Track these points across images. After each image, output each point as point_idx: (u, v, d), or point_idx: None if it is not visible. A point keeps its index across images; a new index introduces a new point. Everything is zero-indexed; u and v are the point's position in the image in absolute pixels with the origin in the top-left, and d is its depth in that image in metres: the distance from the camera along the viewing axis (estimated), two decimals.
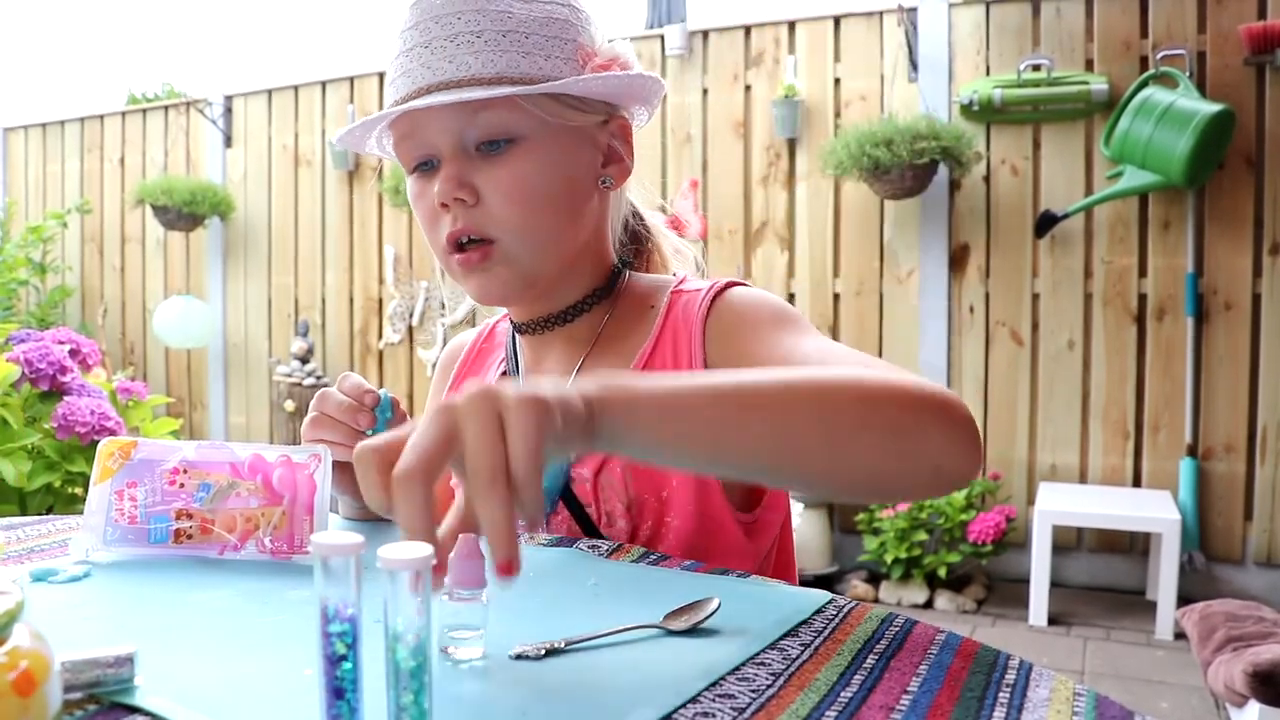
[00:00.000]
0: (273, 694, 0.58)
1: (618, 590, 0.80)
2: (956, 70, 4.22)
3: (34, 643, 0.46)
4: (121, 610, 0.76)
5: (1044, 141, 4.08)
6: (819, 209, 4.46)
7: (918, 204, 4.21)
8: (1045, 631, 3.56)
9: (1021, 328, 4.13)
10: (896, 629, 0.72)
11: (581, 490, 1.05)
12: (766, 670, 0.63)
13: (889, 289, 4.34)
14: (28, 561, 0.89)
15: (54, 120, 6.69)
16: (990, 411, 4.20)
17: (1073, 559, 4.05)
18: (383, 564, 0.47)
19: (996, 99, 3.98)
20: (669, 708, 0.56)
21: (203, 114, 5.94)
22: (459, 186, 0.98)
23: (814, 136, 4.43)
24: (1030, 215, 4.08)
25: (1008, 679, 0.63)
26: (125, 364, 6.38)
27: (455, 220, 1.00)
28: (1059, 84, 3.92)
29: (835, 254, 4.44)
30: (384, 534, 0.99)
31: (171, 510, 0.88)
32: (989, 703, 0.59)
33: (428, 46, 0.97)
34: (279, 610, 0.75)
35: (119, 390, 2.79)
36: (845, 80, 4.42)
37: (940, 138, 3.86)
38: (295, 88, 5.74)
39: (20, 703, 0.43)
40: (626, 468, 1.03)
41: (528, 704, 0.57)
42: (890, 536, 3.90)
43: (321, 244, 5.67)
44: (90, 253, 6.54)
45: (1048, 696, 0.60)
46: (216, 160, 5.97)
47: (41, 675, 0.45)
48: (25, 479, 2.39)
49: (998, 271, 4.16)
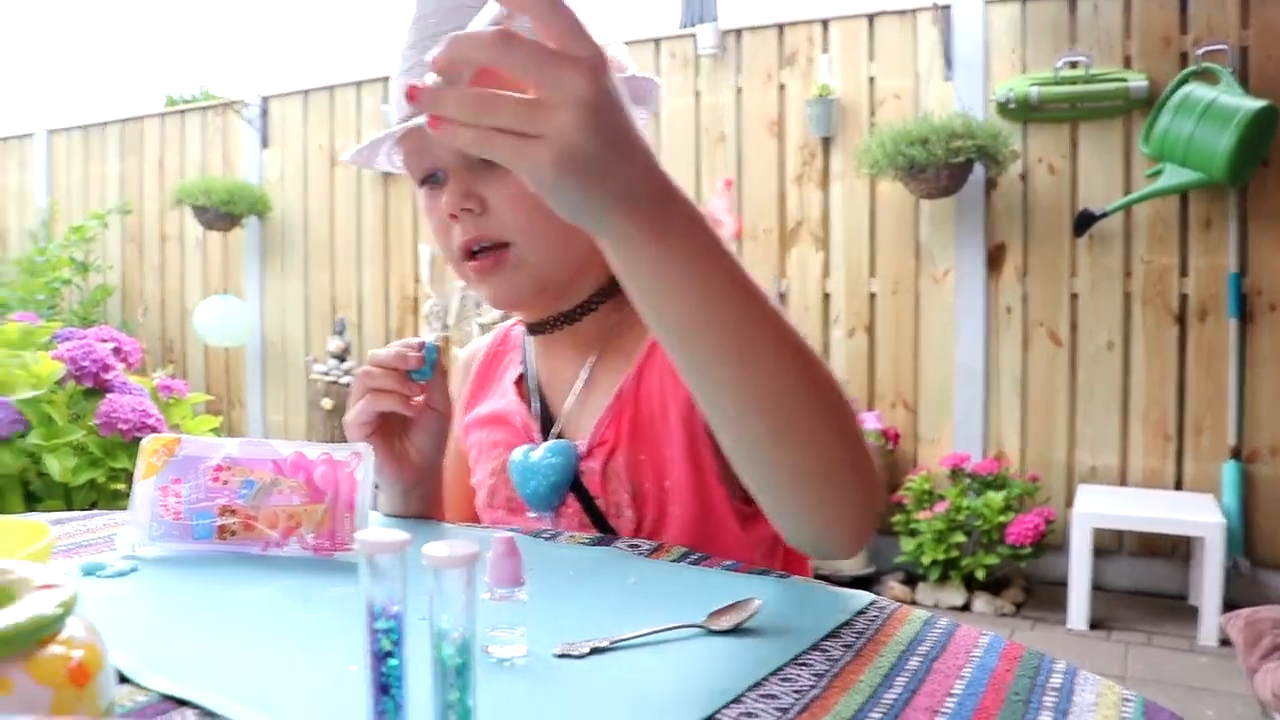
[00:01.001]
0: (317, 689, 0.59)
1: (658, 590, 0.80)
2: (992, 68, 4.18)
3: (87, 635, 0.46)
4: (167, 605, 0.77)
5: (1081, 140, 4.03)
6: (854, 208, 4.44)
7: (953, 203, 4.17)
8: (1085, 636, 3.53)
9: (1060, 328, 4.09)
10: (939, 631, 0.71)
11: (591, 482, 1.07)
12: (809, 671, 0.63)
13: (925, 289, 4.31)
14: (76, 556, 0.90)
15: (95, 122, 6.78)
16: (1028, 412, 4.16)
17: (1113, 562, 4.00)
18: (429, 562, 0.47)
19: (1033, 97, 3.94)
20: (712, 708, 0.56)
21: (240, 115, 6.00)
22: (466, 197, 1.01)
23: (849, 135, 4.41)
24: (1068, 214, 4.03)
25: (1053, 683, 0.62)
26: (165, 362, 6.45)
27: (466, 229, 1.03)
28: (1097, 81, 3.88)
29: (871, 254, 4.41)
30: (427, 532, 1.00)
31: (215, 506, 0.89)
32: (1034, 706, 0.59)
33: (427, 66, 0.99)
34: (321, 607, 0.75)
35: (160, 388, 2.82)
36: (880, 79, 4.39)
37: (976, 136, 3.82)
38: (330, 89, 5.79)
39: (76, 693, 0.43)
40: (631, 459, 1.05)
41: (571, 702, 0.57)
42: (928, 538, 3.87)
43: (358, 243, 5.71)
44: (131, 252, 6.62)
45: (1094, 701, 0.60)
46: (253, 161, 6.03)
47: (95, 666, 0.45)
48: (70, 475, 2.43)
49: (1035, 271, 4.12)
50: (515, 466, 1.11)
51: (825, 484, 0.74)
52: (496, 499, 1.16)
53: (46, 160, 6.99)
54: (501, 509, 1.16)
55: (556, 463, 1.07)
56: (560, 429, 1.12)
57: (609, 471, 1.06)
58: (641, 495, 1.05)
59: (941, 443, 4.27)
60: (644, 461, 1.05)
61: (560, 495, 1.08)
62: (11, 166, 7.21)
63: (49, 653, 0.43)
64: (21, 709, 0.41)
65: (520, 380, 1.20)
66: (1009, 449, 4.18)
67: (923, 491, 4.01)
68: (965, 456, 4.04)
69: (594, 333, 1.12)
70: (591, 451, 1.08)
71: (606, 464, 1.06)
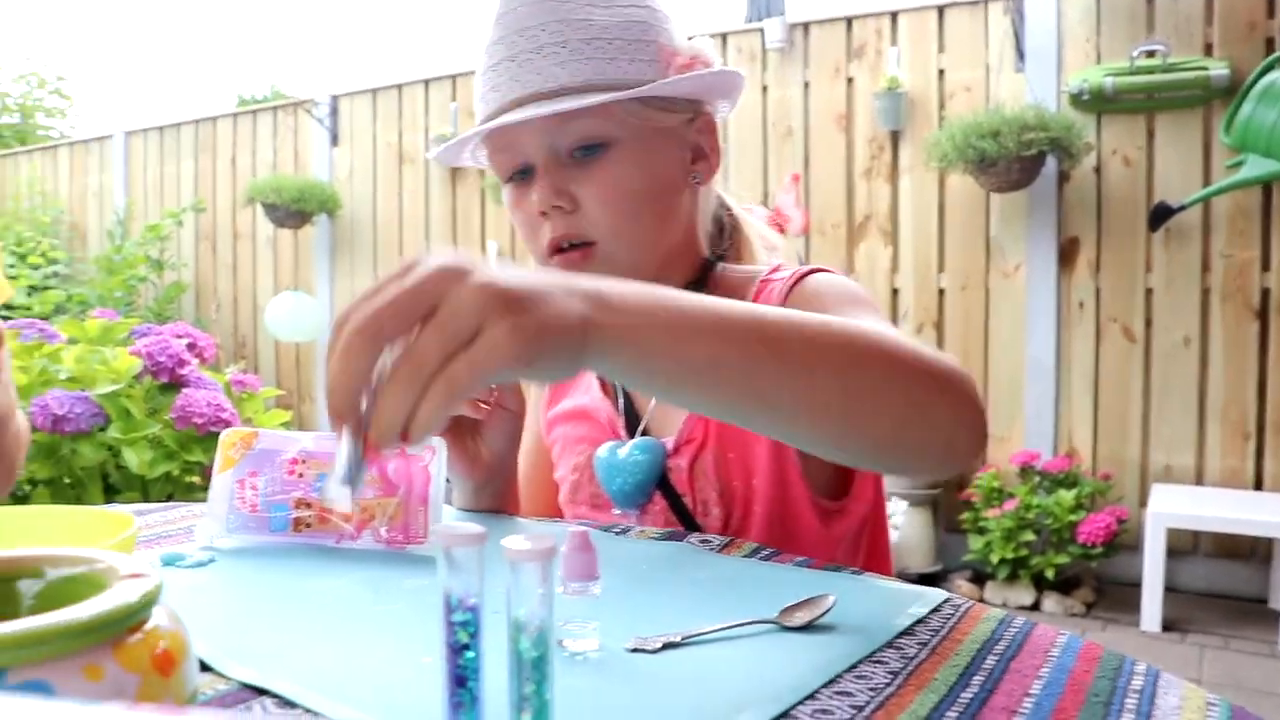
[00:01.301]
0: (393, 680, 0.59)
1: (731, 585, 0.80)
2: (1065, 59, 4.10)
3: (172, 624, 0.47)
4: (245, 595, 0.78)
5: (1158, 130, 3.94)
6: (923, 203, 4.39)
7: (1025, 197, 4.11)
8: (1159, 638, 3.45)
9: (1134, 324, 4.01)
10: (1015, 630, 0.70)
11: (678, 480, 1.07)
12: (884, 669, 0.62)
13: (995, 284, 4.25)
14: (156, 546, 0.92)
15: (170, 123, 6.93)
16: (1100, 410, 4.08)
17: (1188, 563, 3.91)
18: (508, 555, 0.48)
19: (1108, 87, 3.85)
20: (787, 704, 0.56)
21: (310, 114, 6.09)
22: (556, 194, 1.00)
23: (917, 129, 4.35)
24: (1143, 207, 3.94)
25: (1134, 685, 0.61)
26: (237, 357, 6.58)
27: (555, 227, 1.02)
28: (1175, 70, 3.78)
29: (940, 248, 4.36)
30: (503, 525, 1.00)
31: (291, 499, 0.90)
32: (1115, 708, 0.57)
33: (514, 60, 1.00)
34: (395, 599, 0.76)
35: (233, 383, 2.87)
36: (949, 71, 4.33)
37: (1049, 128, 3.75)
38: (399, 87, 5.85)
39: (162, 682, 0.44)
40: (719, 457, 1.05)
41: (645, 697, 0.57)
42: (996, 536, 3.82)
43: (426, 239, 5.76)
44: (204, 250, 6.76)
45: (1178, 705, 0.58)
46: (323, 159, 6.12)
47: (180, 655, 0.46)
48: (147, 467, 2.48)
49: (1109, 266, 4.04)
50: (601, 463, 1.10)
51: (917, 433, 0.72)
52: (580, 495, 1.16)
53: (124, 161, 7.16)
54: (585, 505, 1.15)
55: (643, 460, 1.07)
56: (646, 425, 1.12)
57: (696, 469, 1.06)
58: (729, 493, 1.05)
59: (1011, 440, 4.20)
60: (732, 460, 1.05)
61: (647, 493, 1.08)
62: (92, 167, 7.40)
63: (136, 640, 0.44)
64: (111, 695, 0.42)
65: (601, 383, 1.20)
66: (1080, 447, 4.10)
67: (991, 489, 3.96)
68: (1035, 454, 3.98)
69: None
70: (679, 449, 1.07)
71: (694, 461, 1.06)
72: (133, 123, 7.15)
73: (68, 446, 2.50)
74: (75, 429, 2.44)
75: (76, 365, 2.61)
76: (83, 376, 2.59)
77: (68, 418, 2.44)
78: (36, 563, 0.52)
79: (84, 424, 2.46)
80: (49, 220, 7.39)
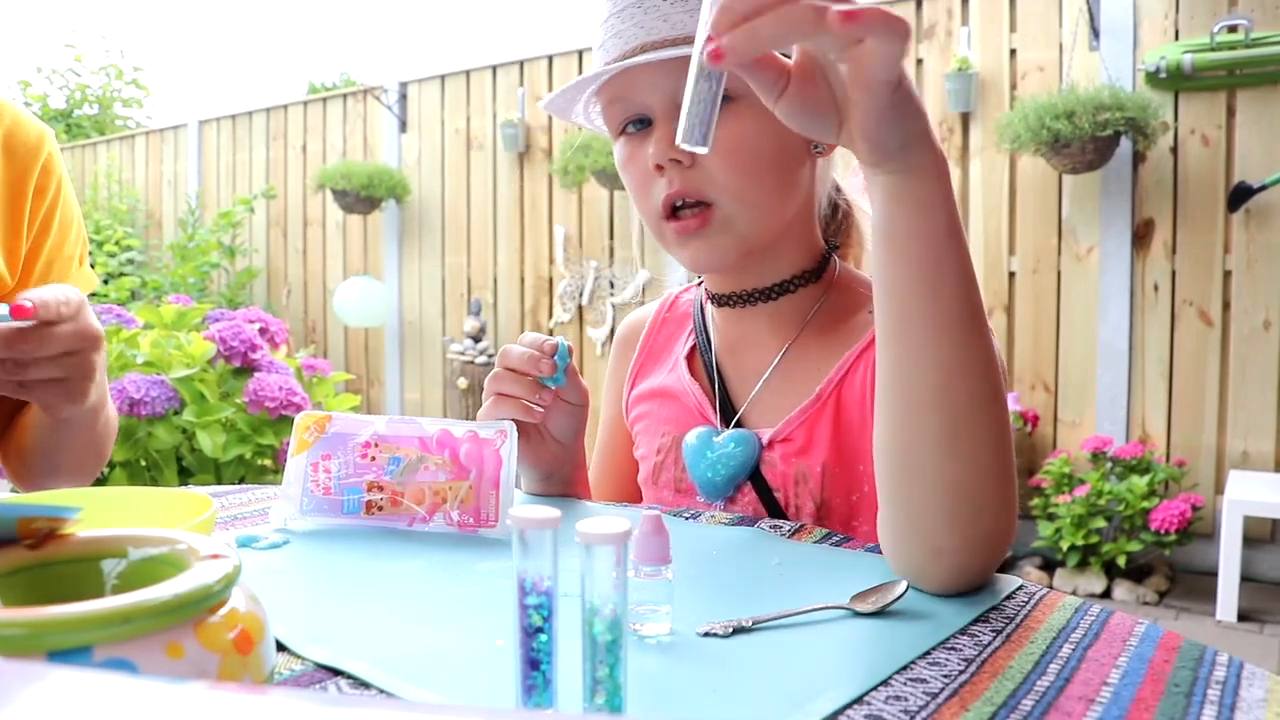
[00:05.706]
0: (466, 662, 0.60)
1: (802, 571, 0.79)
2: (1142, 36, 4.01)
3: (250, 604, 0.48)
4: (319, 577, 0.79)
5: (1239, 109, 3.83)
6: (993, 184, 4.31)
7: (1098, 178, 4.02)
8: (1235, 628, 3.38)
9: (1211, 307, 3.91)
10: (1092, 618, 0.69)
11: (771, 474, 1.03)
12: (958, 656, 0.61)
13: (1067, 267, 4.17)
14: (232, 528, 0.93)
15: (242, 111, 7.05)
16: (1175, 395, 3.99)
17: (1266, 552, 3.82)
18: (581, 539, 0.48)
19: (1186, 65, 3.76)
20: (860, 689, 0.55)
21: (379, 101, 6.15)
22: (675, 147, 0.91)
23: (988, 110, 4.28)
24: (1222, 188, 3.84)
25: (1216, 675, 0.59)
26: (307, 342, 6.68)
27: (671, 183, 0.98)
28: (1258, 45, 3.67)
29: (1010, 231, 4.29)
30: (575, 509, 1.00)
31: (363, 482, 0.91)
32: (1197, 700, 0.56)
33: (640, 6, 0.96)
34: (468, 582, 0.76)
35: (304, 367, 2.92)
36: (1021, 51, 4.25)
37: (1124, 108, 3.67)
38: (467, 73, 5.89)
39: (241, 660, 0.45)
40: (827, 469, 1.01)
41: (716, 680, 0.57)
42: (1066, 523, 3.76)
43: (493, 225, 5.80)
44: (275, 236, 6.87)
45: (1263, 697, 0.57)
46: (392, 145, 6.18)
47: (258, 634, 0.47)
48: (221, 450, 2.53)
49: (1185, 248, 3.94)
50: (690, 450, 1.07)
51: (970, 507, 0.72)
52: (663, 478, 1.12)
53: (197, 149, 7.29)
54: (668, 489, 1.11)
55: (737, 453, 1.03)
56: (741, 416, 1.08)
57: (797, 473, 1.02)
58: (828, 508, 1.01)
59: (1083, 425, 4.13)
60: (837, 474, 1.01)
61: (736, 486, 1.04)
62: (167, 156, 7.55)
63: (217, 620, 0.45)
64: (192, 673, 0.43)
65: (692, 355, 1.16)
66: (1154, 433, 4.02)
67: (1062, 475, 3.90)
68: (1108, 440, 3.91)
69: (791, 317, 1.07)
70: (773, 444, 1.03)
71: (794, 463, 1.02)
72: (206, 111, 7.29)
73: (144, 429, 2.56)
74: (151, 412, 2.50)
75: (152, 350, 2.67)
76: (158, 361, 2.64)
77: (144, 401, 2.49)
78: (120, 543, 0.53)
79: (159, 407, 2.51)
80: (126, 209, 7.56)
